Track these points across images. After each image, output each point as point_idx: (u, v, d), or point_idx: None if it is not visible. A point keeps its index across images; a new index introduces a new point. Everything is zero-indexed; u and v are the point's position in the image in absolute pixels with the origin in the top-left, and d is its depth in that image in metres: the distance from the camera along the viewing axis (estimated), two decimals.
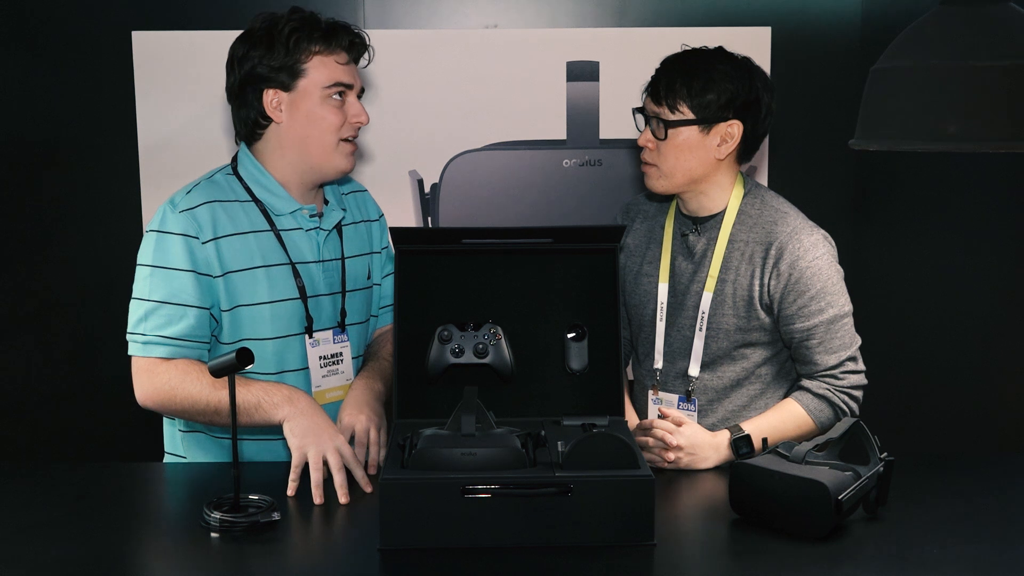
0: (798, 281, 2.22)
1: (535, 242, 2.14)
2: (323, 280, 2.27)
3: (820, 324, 2.23)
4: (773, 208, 2.31)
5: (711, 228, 2.33)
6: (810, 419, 2.25)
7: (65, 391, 3.38)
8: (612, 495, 1.77)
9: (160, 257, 2.13)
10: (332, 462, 2.01)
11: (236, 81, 2.20)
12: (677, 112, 2.24)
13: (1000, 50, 1.70)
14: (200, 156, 3.22)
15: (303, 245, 2.25)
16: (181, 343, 2.13)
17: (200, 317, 2.14)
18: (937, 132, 1.72)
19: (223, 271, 2.15)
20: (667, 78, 2.25)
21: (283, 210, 2.23)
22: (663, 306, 2.37)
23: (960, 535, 1.84)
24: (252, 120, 2.21)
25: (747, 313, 2.27)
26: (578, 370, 2.14)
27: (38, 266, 3.35)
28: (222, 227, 2.16)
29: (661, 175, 2.29)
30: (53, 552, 1.79)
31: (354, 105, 2.22)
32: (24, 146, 3.29)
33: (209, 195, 2.19)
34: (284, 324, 2.21)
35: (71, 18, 3.22)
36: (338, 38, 2.18)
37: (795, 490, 1.80)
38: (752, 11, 3.28)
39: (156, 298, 2.13)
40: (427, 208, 3.32)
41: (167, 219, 2.15)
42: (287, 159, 2.22)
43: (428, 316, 2.13)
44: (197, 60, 3.20)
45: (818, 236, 2.26)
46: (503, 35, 3.28)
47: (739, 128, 2.25)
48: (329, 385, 2.29)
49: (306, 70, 2.17)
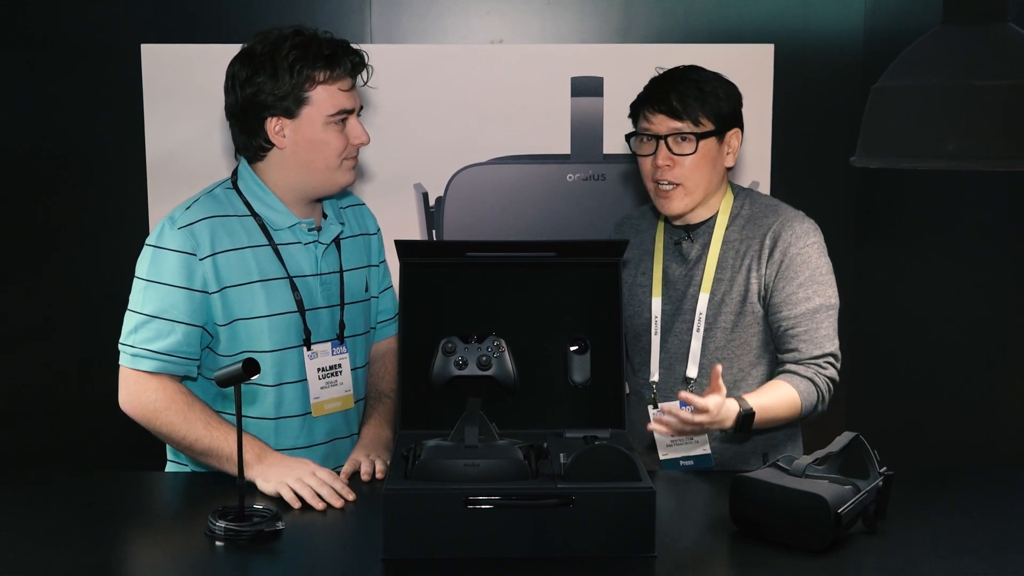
0: (788, 267, 2.27)
1: (538, 256, 2.16)
2: (321, 293, 2.28)
3: (807, 312, 2.26)
4: (763, 204, 2.38)
5: (703, 233, 2.37)
6: (799, 401, 2.23)
7: (71, 401, 3.39)
8: (613, 507, 1.78)
9: (155, 272, 2.16)
10: (313, 483, 2.04)
11: (238, 104, 2.21)
12: (701, 124, 2.28)
13: (1000, 69, 1.72)
14: (208, 169, 3.24)
15: (301, 259, 2.27)
16: (168, 358, 2.16)
17: (189, 334, 2.16)
18: (937, 150, 1.74)
19: (220, 286, 2.17)
20: (677, 94, 2.27)
21: (282, 224, 2.25)
22: (657, 319, 2.38)
23: (959, 549, 1.84)
24: (256, 145, 2.23)
25: (743, 310, 2.30)
26: (580, 383, 2.16)
27: (45, 277, 3.36)
28: (220, 243, 2.18)
29: (686, 193, 2.31)
30: (59, 561, 1.80)
31: (355, 127, 2.24)
32: (33, 158, 3.31)
33: (208, 210, 2.21)
34: (282, 337, 2.23)
35: (80, 31, 3.24)
36: (341, 63, 2.19)
37: (795, 503, 1.81)
38: (755, 28, 3.30)
39: (147, 312, 2.16)
40: (432, 221, 3.34)
41: (164, 235, 2.18)
42: (289, 179, 2.25)
43: (432, 328, 2.15)
44: (206, 73, 3.21)
45: (809, 224, 2.33)
46: (508, 50, 3.30)
47: (739, 136, 2.34)
48: (328, 396, 2.31)
49: (310, 98, 2.18)
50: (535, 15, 3.31)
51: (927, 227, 3.46)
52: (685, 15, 3.30)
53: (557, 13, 3.31)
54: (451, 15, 3.31)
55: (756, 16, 3.30)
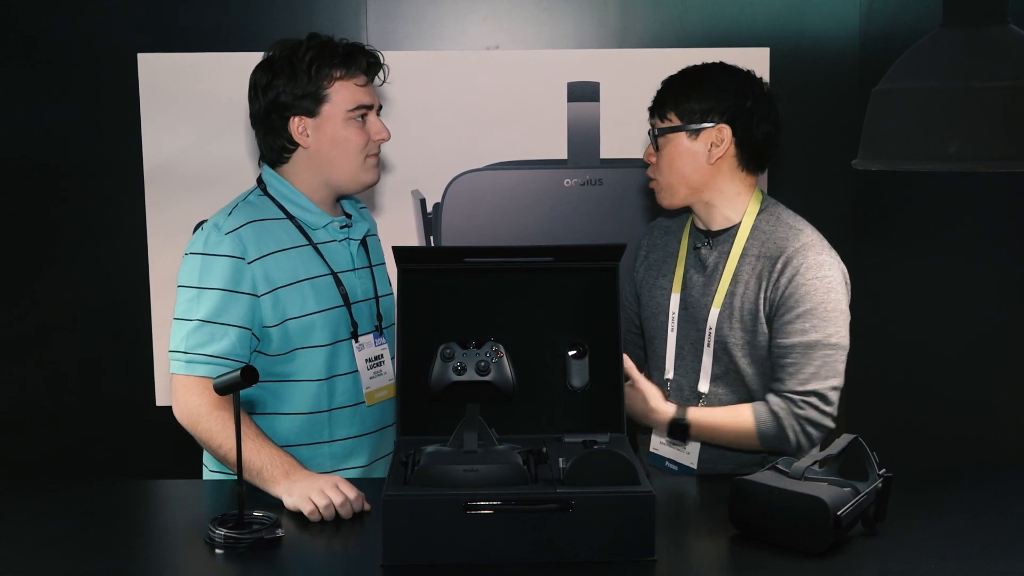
0: (791, 296, 2.22)
1: (536, 261, 2.16)
2: (360, 287, 2.36)
3: (799, 345, 2.21)
4: (788, 225, 2.31)
5: (723, 242, 2.34)
6: (754, 428, 2.22)
7: (70, 409, 3.39)
8: (613, 511, 1.78)
9: (206, 278, 2.19)
10: (334, 497, 2.00)
11: (261, 109, 2.28)
12: (666, 120, 2.30)
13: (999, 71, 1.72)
14: (206, 177, 3.25)
15: (339, 255, 2.34)
16: (222, 361, 2.17)
17: (241, 337, 2.19)
18: (938, 152, 1.74)
19: (270, 288, 2.21)
20: (660, 92, 2.34)
21: (316, 224, 2.32)
22: (674, 316, 2.38)
23: (959, 551, 1.84)
24: (280, 146, 2.29)
25: (753, 327, 2.27)
26: (579, 387, 2.16)
27: (44, 285, 3.36)
28: (266, 245, 2.23)
29: (661, 188, 2.34)
30: (59, 569, 1.80)
31: (375, 123, 2.32)
32: (30, 167, 3.31)
33: (249, 215, 2.26)
34: (333, 331, 2.29)
35: (77, 40, 3.25)
36: (357, 61, 2.27)
37: (794, 506, 1.81)
38: (751, 32, 3.31)
39: (199, 317, 2.18)
40: (429, 228, 3.34)
41: (211, 241, 2.21)
42: (314, 178, 2.31)
43: (431, 334, 2.15)
44: (202, 82, 3.23)
45: (827, 258, 2.24)
46: (505, 56, 3.31)
47: (728, 132, 2.27)
48: (376, 386, 2.37)
49: (329, 95, 2.25)
50: (531, 21, 3.32)
51: (926, 228, 3.46)
52: (681, 20, 3.31)
53: (553, 18, 3.32)
54: (447, 21, 3.32)
55: (752, 20, 3.31)
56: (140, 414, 3.37)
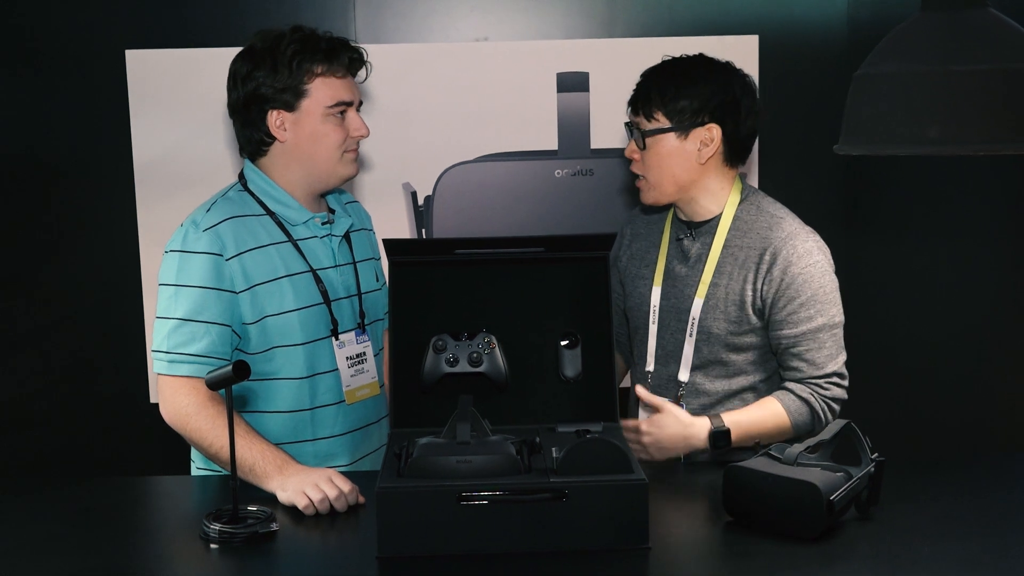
0: (789, 287, 2.23)
1: (527, 251, 2.16)
2: (341, 284, 2.33)
3: (808, 332, 2.23)
4: (769, 214, 2.31)
5: (706, 233, 2.34)
6: (788, 419, 2.24)
7: (64, 408, 3.39)
8: (607, 499, 1.79)
9: (184, 276, 2.18)
10: (328, 489, 2.00)
11: (239, 99, 2.25)
12: (653, 120, 2.27)
13: (979, 55, 1.72)
14: (196, 174, 3.25)
15: (319, 252, 2.31)
16: (205, 360, 2.16)
17: (222, 334, 2.18)
18: (919, 136, 1.74)
19: (248, 285, 2.19)
20: (643, 88, 2.29)
21: (297, 220, 2.29)
22: (655, 309, 2.38)
23: (952, 535, 1.85)
24: (258, 139, 2.27)
25: (738, 318, 2.28)
26: (572, 377, 2.16)
27: (35, 284, 3.36)
28: (244, 242, 2.21)
29: (649, 187, 2.32)
30: (53, 566, 1.80)
31: (354, 120, 2.28)
32: (18, 165, 3.30)
33: (228, 212, 2.24)
34: (312, 329, 2.27)
35: (65, 37, 3.24)
36: (339, 57, 2.24)
37: (787, 491, 1.82)
38: (740, 20, 3.31)
39: (179, 316, 2.17)
40: (421, 220, 3.34)
41: (189, 238, 2.20)
42: (293, 173, 2.28)
43: (423, 326, 2.15)
44: (191, 78, 3.22)
45: (812, 243, 2.27)
46: (494, 47, 3.31)
47: (718, 131, 2.26)
48: (358, 384, 2.35)
49: (309, 90, 2.22)
50: (519, 12, 3.32)
51: (918, 214, 3.47)
52: (669, 8, 3.31)
53: (542, 9, 3.32)
54: (435, 14, 3.31)
55: (740, 8, 3.31)
56: (133, 411, 3.36)
